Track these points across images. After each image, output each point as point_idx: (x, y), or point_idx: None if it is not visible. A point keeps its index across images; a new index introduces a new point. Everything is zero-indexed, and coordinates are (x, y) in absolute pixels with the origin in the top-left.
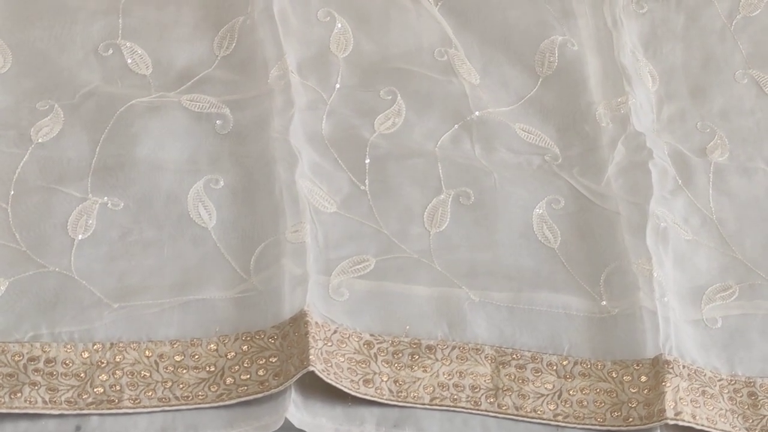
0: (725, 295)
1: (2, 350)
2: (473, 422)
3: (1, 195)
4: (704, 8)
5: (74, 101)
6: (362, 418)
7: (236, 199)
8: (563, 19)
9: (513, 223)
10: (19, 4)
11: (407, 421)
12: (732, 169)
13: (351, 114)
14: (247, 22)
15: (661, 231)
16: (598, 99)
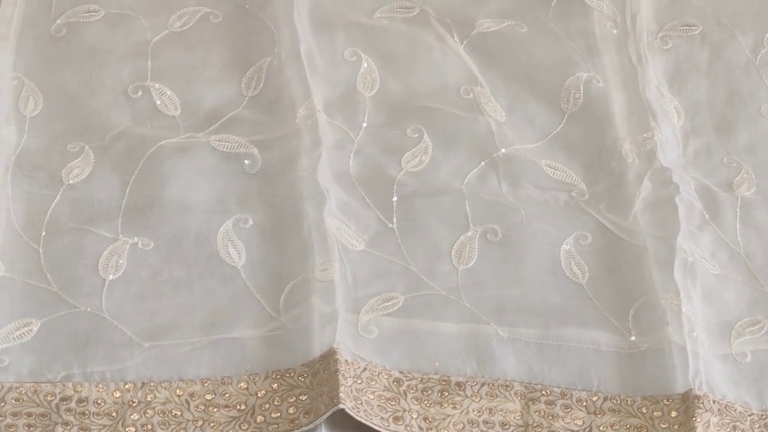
0: (754, 329)
1: (35, 390)
2: None
3: (32, 236)
4: (728, 43)
5: (104, 143)
6: None
7: (265, 238)
8: (588, 56)
9: (540, 259)
10: (50, 48)
11: None
12: (759, 203)
13: (378, 152)
14: (275, 62)
15: (689, 266)
16: (623, 135)
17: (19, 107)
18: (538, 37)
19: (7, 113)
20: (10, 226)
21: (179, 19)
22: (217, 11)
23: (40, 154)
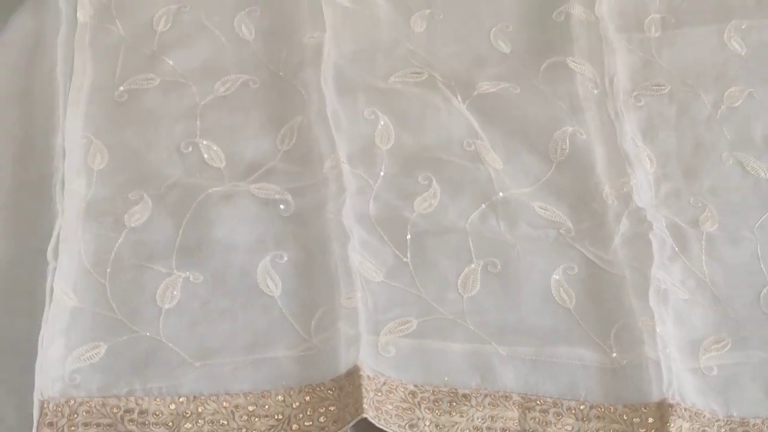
0: (719, 346)
1: (102, 403)
2: None
3: (100, 272)
4: (693, 101)
5: (160, 191)
6: None
7: (298, 271)
8: (573, 113)
9: (534, 287)
10: (114, 111)
11: None
12: (721, 238)
13: (394, 197)
14: (305, 121)
15: (662, 292)
16: (604, 180)
17: (88, 162)
18: (529, 97)
19: (78, 168)
20: (81, 264)
21: (223, 85)
22: (256, 78)
23: (105, 202)
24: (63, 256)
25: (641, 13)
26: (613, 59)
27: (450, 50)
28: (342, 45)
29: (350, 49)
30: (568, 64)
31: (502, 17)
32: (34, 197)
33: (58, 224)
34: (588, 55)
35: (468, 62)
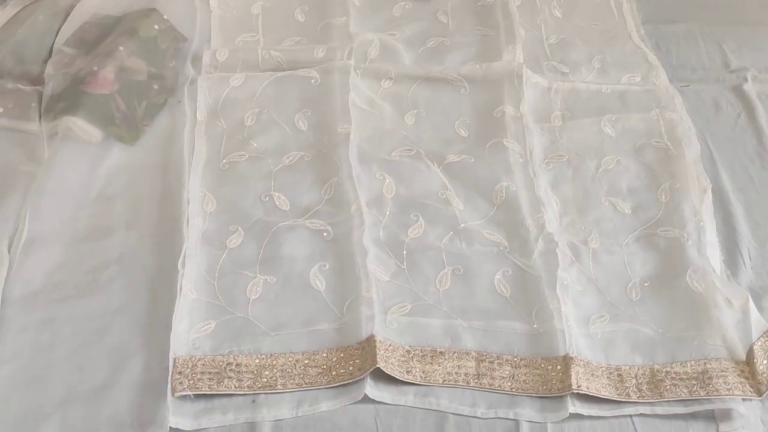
0: (601, 320)
1: (212, 359)
2: (466, 393)
3: (210, 276)
4: (582, 166)
5: (249, 225)
6: (407, 392)
7: (335, 275)
8: (507, 174)
9: (484, 283)
10: (219, 175)
11: (430, 394)
12: (601, 251)
13: (395, 228)
14: (338, 181)
15: (564, 286)
16: (527, 215)
17: (203, 207)
18: (479, 164)
19: (197, 211)
20: (199, 272)
21: (288, 158)
22: (308, 154)
23: (214, 232)
24: (188, 266)
25: (548, 111)
26: (531, 140)
27: (429, 135)
28: (362, 133)
29: (367, 135)
30: (504, 143)
31: (462, 114)
32: (170, 229)
33: (185, 246)
34: (516, 137)
35: (441, 143)
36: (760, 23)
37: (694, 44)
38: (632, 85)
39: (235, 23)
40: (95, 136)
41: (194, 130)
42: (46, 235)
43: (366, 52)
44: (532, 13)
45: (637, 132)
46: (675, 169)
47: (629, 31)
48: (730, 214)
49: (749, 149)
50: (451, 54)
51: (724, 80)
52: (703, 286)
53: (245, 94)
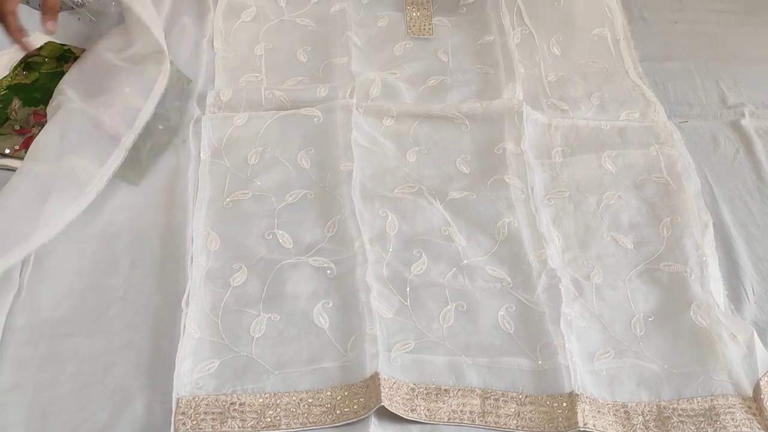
0: (606, 356)
1: (216, 399)
2: (472, 431)
3: (214, 314)
4: (583, 201)
5: (252, 263)
6: (411, 430)
7: (339, 312)
8: (509, 209)
9: (487, 320)
10: (223, 213)
11: None
12: (605, 286)
13: (398, 265)
14: (341, 218)
15: (568, 322)
16: (529, 251)
17: (207, 246)
18: (481, 201)
19: (201, 249)
20: (203, 310)
21: (291, 196)
22: (311, 192)
23: (218, 270)
24: (192, 305)
25: (549, 147)
26: (532, 176)
27: (431, 172)
28: (364, 170)
29: (369, 173)
30: (505, 180)
31: (463, 151)
32: (174, 267)
33: (189, 285)
34: (517, 173)
35: (443, 179)
36: (755, 60)
37: (690, 81)
38: (631, 121)
39: (239, 64)
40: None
41: (198, 169)
42: (53, 267)
43: (368, 91)
44: (531, 51)
45: (637, 167)
46: (676, 204)
47: (627, 68)
48: (732, 249)
49: (749, 184)
50: (451, 92)
51: (721, 116)
52: (708, 321)
53: (249, 133)
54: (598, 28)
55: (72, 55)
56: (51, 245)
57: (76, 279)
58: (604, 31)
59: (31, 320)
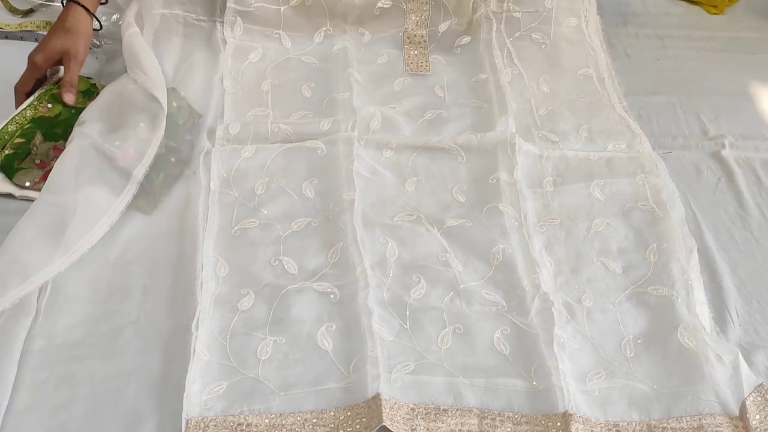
0: (598, 377)
1: (224, 420)
2: None
3: (222, 337)
4: (573, 228)
5: (259, 289)
6: None
7: (341, 335)
8: (503, 236)
9: (484, 342)
10: (231, 242)
11: None
12: (595, 309)
13: (398, 289)
14: (344, 245)
15: (561, 344)
16: (523, 276)
17: (216, 272)
18: (477, 228)
19: (210, 275)
20: (212, 334)
21: (296, 224)
22: (315, 220)
23: (226, 296)
24: (201, 328)
25: (541, 177)
26: (525, 204)
27: (429, 201)
28: (365, 199)
29: (370, 202)
30: (499, 208)
31: (460, 181)
32: (185, 293)
33: (198, 309)
34: (511, 202)
35: (440, 208)
36: (734, 94)
37: (673, 114)
38: (618, 152)
39: (247, 99)
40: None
41: (208, 199)
42: (69, 293)
43: (368, 124)
44: (522, 88)
45: (624, 196)
46: (662, 231)
47: (612, 103)
48: (717, 273)
49: (731, 211)
50: (448, 125)
51: (703, 147)
52: (694, 342)
53: (256, 164)
54: (584, 69)
55: (96, 91)
56: (68, 272)
57: (90, 305)
58: (589, 71)
59: (48, 344)
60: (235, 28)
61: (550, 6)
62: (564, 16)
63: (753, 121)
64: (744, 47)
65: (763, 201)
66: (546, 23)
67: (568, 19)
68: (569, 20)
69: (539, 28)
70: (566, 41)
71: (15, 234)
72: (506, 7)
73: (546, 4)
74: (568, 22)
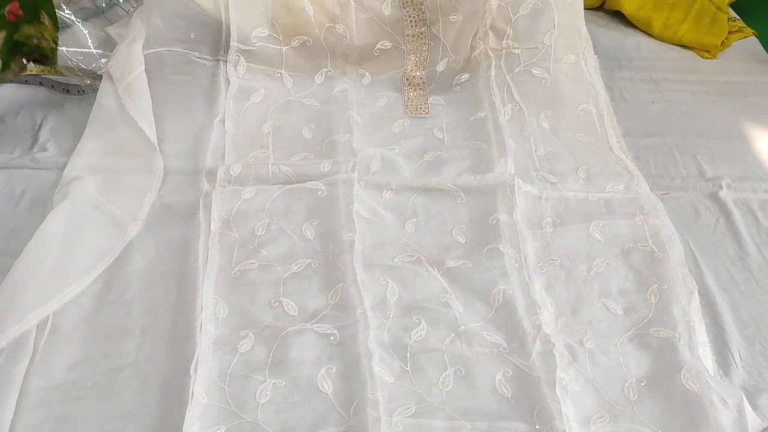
0: (601, 420)
1: None
2: None
3: (221, 380)
4: (574, 269)
5: (259, 330)
6: None
7: (342, 377)
8: (503, 277)
9: (485, 385)
10: (231, 283)
11: None
12: (597, 351)
13: (399, 330)
14: (344, 286)
15: (564, 386)
16: (524, 317)
17: (216, 313)
18: (477, 269)
19: (210, 316)
20: (211, 377)
21: (296, 266)
22: (315, 261)
23: (226, 337)
24: (200, 371)
25: (540, 217)
26: (525, 245)
27: (429, 242)
28: (365, 240)
29: (371, 243)
30: (499, 249)
31: (459, 222)
32: (184, 334)
33: (197, 352)
34: (510, 242)
35: (440, 249)
36: (728, 136)
37: (670, 155)
38: (616, 193)
39: (248, 141)
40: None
41: (208, 240)
42: (68, 333)
43: (368, 166)
44: (521, 125)
45: (623, 237)
46: (662, 272)
47: (611, 143)
48: (718, 315)
49: (730, 252)
50: (447, 166)
51: (701, 188)
52: (698, 385)
53: (256, 205)
54: (584, 104)
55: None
56: (66, 311)
57: (89, 344)
58: (589, 106)
59: (45, 384)
60: (239, 66)
61: (548, 43)
62: (563, 53)
63: (749, 163)
64: (737, 90)
65: (762, 242)
66: (545, 59)
67: (566, 56)
68: (568, 57)
69: (539, 64)
70: (566, 76)
71: (11, 275)
72: (505, 44)
73: (545, 41)
74: (567, 59)
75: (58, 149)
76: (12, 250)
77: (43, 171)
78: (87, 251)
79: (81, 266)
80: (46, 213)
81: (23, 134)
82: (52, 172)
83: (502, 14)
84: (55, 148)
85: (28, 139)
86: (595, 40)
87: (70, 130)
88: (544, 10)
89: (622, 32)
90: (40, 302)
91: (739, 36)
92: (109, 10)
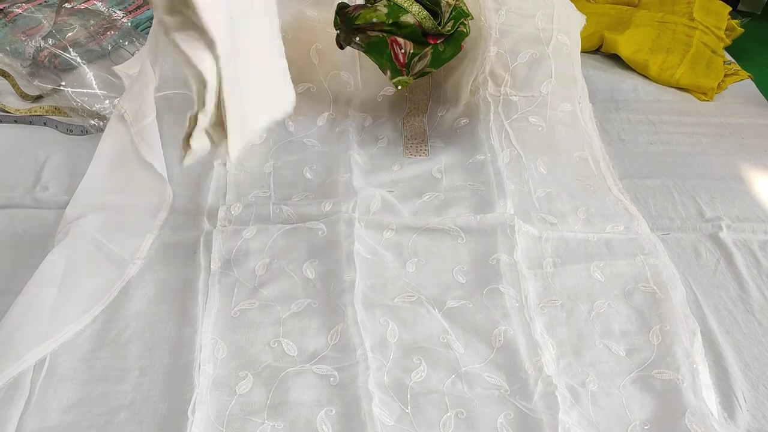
0: None
1: None
2: None
3: (220, 422)
4: (575, 309)
5: (258, 371)
6: None
7: (341, 420)
8: (504, 318)
9: (487, 427)
10: (231, 323)
11: None
12: (600, 393)
13: (399, 371)
14: (344, 326)
15: (566, 429)
16: (525, 359)
17: (215, 354)
18: (478, 309)
19: (208, 357)
20: (208, 418)
21: (296, 305)
22: (316, 301)
23: (224, 378)
24: (198, 413)
25: (541, 258)
26: (525, 285)
27: (429, 282)
28: (366, 280)
29: (371, 283)
30: (500, 289)
31: (460, 262)
32: (182, 375)
33: (195, 393)
34: (511, 283)
35: (440, 289)
36: (727, 177)
37: (669, 197)
38: (616, 233)
39: (249, 181)
40: None
41: (208, 280)
42: (65, 373)
43: (369, 206)
44: (520, 169)
45: (624, 277)
46: (664, 313)
47: (609, 185)
48: (721, 356)
49: (731, 293)
50: (446, 207)
51: (700, 229)
52: (703, 429)
53: (257, 245)
54: (579, 151)
55: None
56: (64, 352)
57: (86, 385)
58: (584, 153)
59: (41, 426)
60: None
61: (545, 92)
62: (559, 102)
63: (748, 204)
64: (734, 132)
65: (763, 283)
66: (542, 107)
67: (563, 104)
68: (564, 105)
69: (536, 112)
70: (562, 125)
71: (9, 314)
72: (504, 90)
73: (542, 89)
74: (563, 107)
75: (59, 188)
76: (13, 290)
77: (45, 210)
78: (86, 290)
79: (79, 305)
80: (46, 253)
81: (26, 173)
82: (53, 212)
83: (501, 62)
84: (57, 188)
85: (31, 179)
86: (593, 82)
87: (73, 169)
88: (542, 59)
89: (619, 75)
90: (37, 342)
91: (734, 79)
92: (114, 53)
